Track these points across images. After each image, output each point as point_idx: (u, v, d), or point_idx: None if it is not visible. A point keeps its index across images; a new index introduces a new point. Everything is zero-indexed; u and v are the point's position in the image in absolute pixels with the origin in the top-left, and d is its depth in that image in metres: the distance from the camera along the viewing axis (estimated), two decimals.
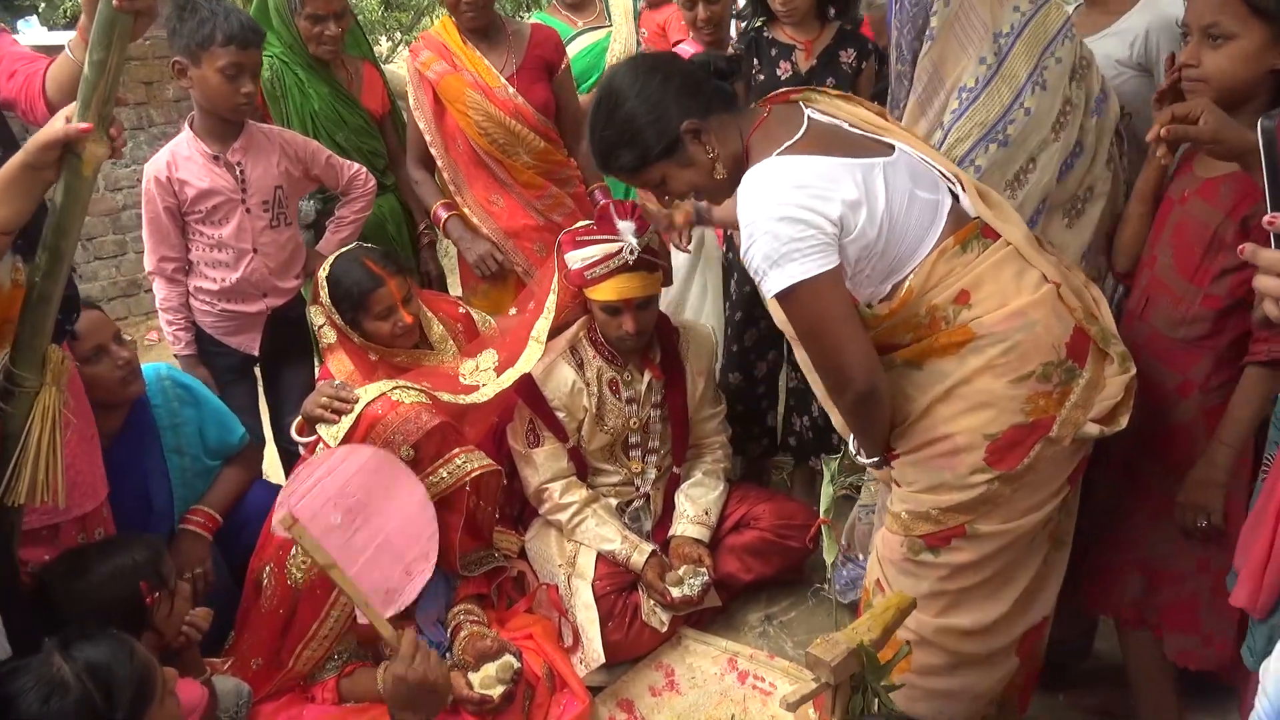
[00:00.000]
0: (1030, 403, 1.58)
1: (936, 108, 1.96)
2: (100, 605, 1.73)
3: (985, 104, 1.90)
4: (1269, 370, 1.69)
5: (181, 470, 2.25)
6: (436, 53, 2.73)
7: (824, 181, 1.52)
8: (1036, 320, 1.58)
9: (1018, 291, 1.60)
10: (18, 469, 1.56)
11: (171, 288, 2.54)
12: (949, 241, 1.61)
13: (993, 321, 1.58)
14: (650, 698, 2.27)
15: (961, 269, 1.60)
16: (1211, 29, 1.64)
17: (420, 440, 2.07)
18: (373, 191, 2.72)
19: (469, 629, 2.19)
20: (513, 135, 2.70)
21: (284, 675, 2.10)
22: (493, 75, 2.70)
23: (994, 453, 1.58)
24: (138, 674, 1.40)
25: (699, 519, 2.49)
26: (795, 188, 1.51)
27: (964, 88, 1.92)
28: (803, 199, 1.49)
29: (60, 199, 1.50)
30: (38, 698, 1.31)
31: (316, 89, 2.79)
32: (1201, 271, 1.74)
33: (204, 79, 2.33)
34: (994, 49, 1.88)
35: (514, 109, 2.69)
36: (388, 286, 2.29)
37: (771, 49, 2.59)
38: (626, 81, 1.63)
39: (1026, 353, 1.57)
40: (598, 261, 2.30)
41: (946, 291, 1.59)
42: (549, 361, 2.41)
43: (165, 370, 2.31)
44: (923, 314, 1.60)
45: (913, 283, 1.59)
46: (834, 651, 1.36)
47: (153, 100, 5.43)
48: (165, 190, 2.43)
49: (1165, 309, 1.79)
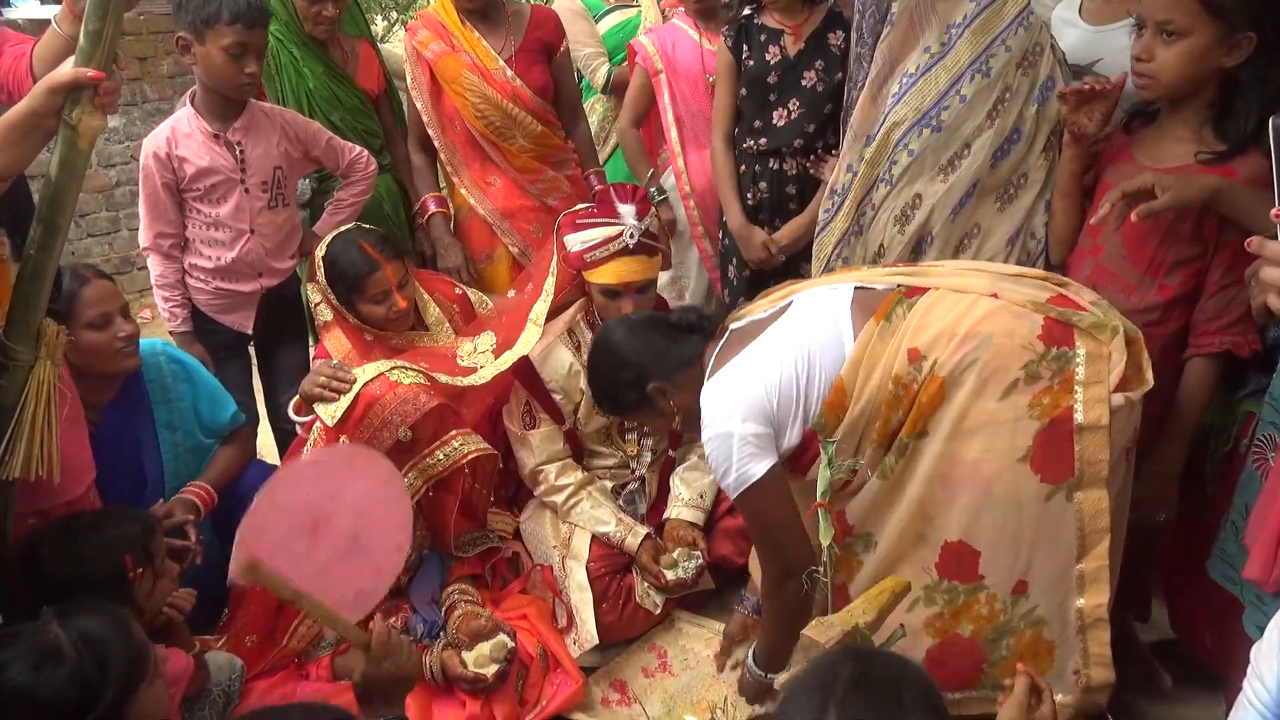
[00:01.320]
0: (1034, 407, 1.58)
1: (884, 94, 2.03)
2: (85, 575, 1.72)
3: (921, 89, 1.97)
4: (1213, 362, 1.72)
5: (174, 445, 2.24)
6: (434, 32, 2.70)
7: (745, 388, 1.73)
8: (991, 333, 1.60)
9: (959, 319, 1.63)
10: (12, 443, 1.55)
11: (167, 264, 2.51)
12: (870, 324, 1.69)
13: (950, 356, 1.61)
14: (643, 679, 2.28)
15: (898, 335, 1.66)
16: (1166, 25, 1.66)
17: (418, 421, 2.07)
18: (373, 175, 2.70)
19: (463, 608, 2.19)
20: (509, 118, 2.68)
21: (278, 652, 2.11)
22: (490, 57, 2.67)
23: (1041, 468, 1.58)
24: (133, 651, 1.39)
25: (694, 502, 2.49)
26: (727, 405, 1.72)
27: (906, 73, 1.99)
28: (732, 413, 1.71)
29: (55, 172, 1.49)
30: (29, 665, 1.30)
31: (312, 68, 2.76)
32: (1156, 263, 1.76)
33: (208, 56, 2.30)
34: (941, 39, 1.95)
35: (511, 91, 2.67)
36: (383, 271, 2.28)
37: (760, 34, 2.58)
38: (613, 343, 1.96)
39: (998, 365, 1.59)
40: (598, 245, 2.29)
41: (898, 359, 1.64)
42: (547, 344, 2.41)
43: (160, 346, 2.29)
44: (893, 388, 1.65)
45: (844, 375, 1.69)
46: (829, 634, 1.37)
47: (147, 76, 5.38)
48: (164, 166, 2.41)
49: (1114, 298, 1.79)
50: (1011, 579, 1.65)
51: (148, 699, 1.42)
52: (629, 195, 2.32)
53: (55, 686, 1.30)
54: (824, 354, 1.72)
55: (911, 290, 1.72)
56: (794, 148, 2.58)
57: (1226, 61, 1.66)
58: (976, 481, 1.62)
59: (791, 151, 2.59)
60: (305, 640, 2.12)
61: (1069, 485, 1.59)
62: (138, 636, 1.42)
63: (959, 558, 1.67)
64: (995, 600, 1.67)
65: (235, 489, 2.32)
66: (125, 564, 1.77)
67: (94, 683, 1.33)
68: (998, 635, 1.69)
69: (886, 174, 2.08)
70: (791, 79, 2.54)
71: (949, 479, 1.64)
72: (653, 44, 2.95)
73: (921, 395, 1.63)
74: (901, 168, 2.05)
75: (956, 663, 1.72)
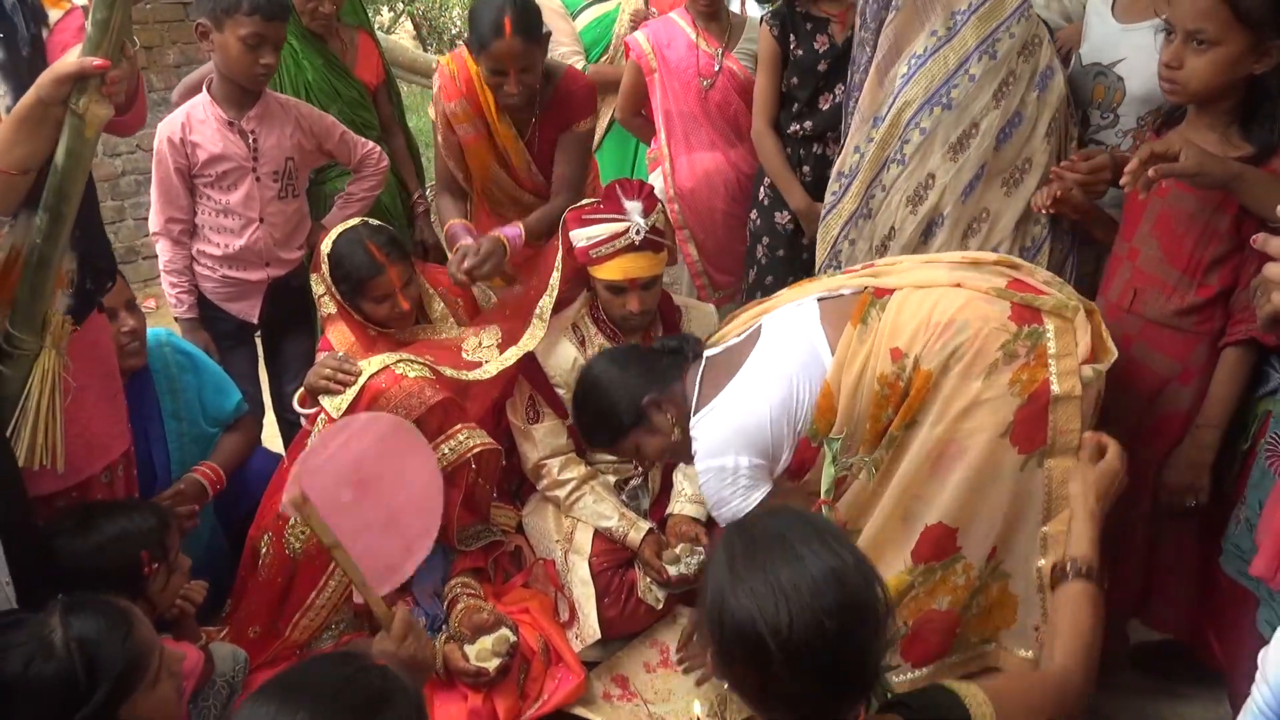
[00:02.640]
0: (1014, 384, 1.64)
1: (891, 76, 2.06)
2: (100, 567, 1.73)
3: (931, 68, 2.02)
4: (1245, 350, 1.74)
5: (179, 435, 2.25)
6: (473, 110, 2.49)
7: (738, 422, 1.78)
8: (966, 320, 1.66)
9: (931, 310, 1.69)
10: (17, 431, 1.56)
11: (176, 250, 2.52)
12: (848, 328, 1.74)
13: (931, 347, 1.66)
14: (645, 674, 2.28)
15: (876, 337, 1.71)
16: (1197, 34, 1.67)
17: (423, 415, 2.06)
18: (384, 170, 2.69)
19: (465, 602, 2.19)
20: (512, 199, 2.66)
21: (281, 644, 2.11)
22: (520, 154, 2.54)
23: (1019, 440, 1.64)
24: (129, 655, 1.38)
25: (697, 497, 2.48)
26: (721, 441, 1.78)
27: (914, 55, 2.03)
28: (728, 447, 1.77)
29: (62, 161, 1.49)
30: (21, 659, 1.30)
31: (310, 60, 2.76)
32: (1195, 262, 1.77)
33: (225, 45, 2.32)
34: (947, 24, 2.00)
35: (532, 187, 2.64)
36: (388, 274, 2.27)
37: (806, 24, 2.60)
38: (599, 372, 1.99)
39: (979, 348, 1.65)
40: (603, 241, 2.28)
41: (881, 359, 1.70)
42: (551, 339, 2.40)
43: (165, 336, 2.30)
44: (879, 388, 1.70)
45: (829, 380, 1.75)
46: None
47: (153, 65, 5.37)
48: (177, 151, 2.42)
49: (1157, 300, 1.82)
50: (987, 547, 1.71)
51: (149, 702, 1.40)
52: (635, 191, 2.31)
53: (41, 683, 1.29)
54: (805, 373, 1.78)
55: (880, 291, 1.78)
56: (839, 132, 2.58)
57: (1256, 69, 1.67)
58: (962, 461, 1.66)
59: (835, 137, 2.60)
60: (308, 632, 2.12)
61: (1040, 453, 1.66)
62: (140, 638, 1.41)
63: (937, 540, 1.71)
64: (972, 569, 1.72)
65: (238, 477, 2.33)
66: (141, 559, 1.78)
67: (82, 684, 1.32)
68: (970, 598, 1.74)
69: (898, 154, 2.09)
70: (842, 65, 2.54)
71: (936, 463, 1.69)
72: (647, 41, 2.93)
73: (911, 390, 1.69)
74: (914, 147, 2.07)
75: (930, 638, 1.76)
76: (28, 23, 1.58)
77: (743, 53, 2.92)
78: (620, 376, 1.97)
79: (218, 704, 1.84)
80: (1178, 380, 1.83)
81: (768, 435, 1.77)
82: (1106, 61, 2.09)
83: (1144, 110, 2.06)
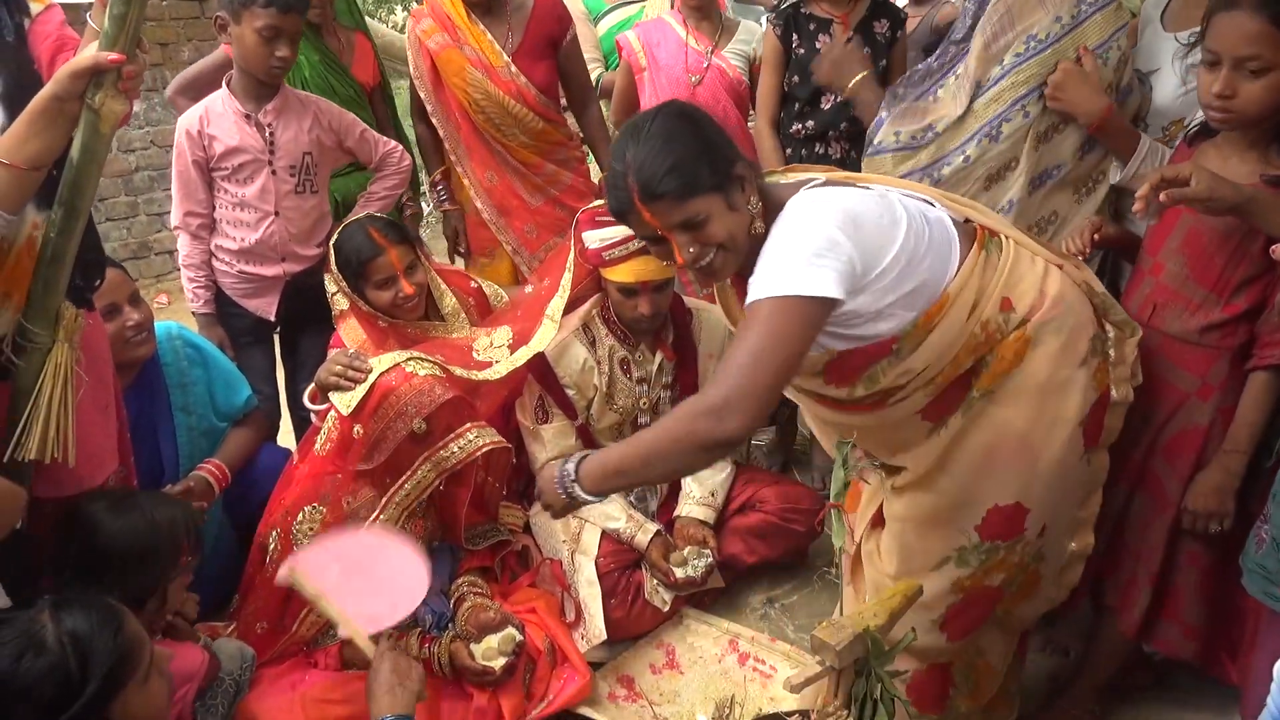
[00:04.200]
0: (1094, 379, 1.65)
1: (1001, 45, 2.00)
2: (145, 547, 1.73)
3: (1050, 57, 1.97)
4: (1275, 374, 1.71)
5: (188, 429, 2.26)
6: (439, 23, 2.68)
7: (870, 211, 1.49)
8: (1072, 300, 1.64)
9: (1043, 280, 1.63)
10: (29, 425, 1.56)
11: (195, 244, 2.54)
12: (974, 251, 1.60)
13: (1042, 317, 1.61)
14: (650, 675, 2.28)
15: (994, 275, 1.59)
16: (1249, 61, 1.62)
17: (433, 413, 2.07)
18: (408, 169, 2.70)
19: (472, 600, 2.19)
20: (509, 115, 2.68)
21: (287, 640, 2.11)
22: (496, 54, 2.65)
23: (1088, 435, 1.67)
24: (120, 648, 1.37)
25: (704, 500, 2.48)
26: (841, 210, 1.47)
27: (1033, 36, 1.98)
28: (831, 217, 1.45)
29: (77, 156, 1.49)
30: (12, 654, 1.29)
31: (308, 56, 2.76)
32: (1224, 282, 1.74)
33: (241, 37, 2.33)
34: (1073, 12, 1.96)
35: (516, 90, 2.66)
36: (388, 255, 2.28)
37: (810, 24, 2.61)
38: (679, 116, 1.55)
39: (1076, 334, 1.63)
40: (617, 243, 2.28)
41: (990, 302, 1.59)
42: (561, 339, 2.40)
43: (176, 329, 2.31)
44: (978, 331, 1.58)
45: (950, 289, 1.55)
46: (839, 635, 1.36)
47: (168, 62, 5.40)
48: (195, 144, 2.44)
49: (1178, 316, 1.79)
50: (1040, 526, 1.71)
51: (139, 699, 1.40)
52: None
53: (33, 679, 1.29)
54: (934, 249, 1.55)
55: (991, 230, 1.67)
56: (840, 131, 2.61)
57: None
58: (1048, 446, 1.64)
59: (837, 136, 2.62)
60: (314, 628, 2.13)
61: (1092, 450, 1.70)
62: (130, 634, 1.40)
63: (1009, 519, 1.67)
64: (1029, 550, 1.71)
65: (247, 472, 2.34)
66: (181, 548, 1.79)
67: (74, 679, 1.31)
68: (1017, 575, 1.75)
69: (994, 129, 2.03)
70: None
71: (1023, 443, 1.63)
72: (638, 40, 2.95)
73: (1003, 349, 1.59)
74: (1014, 127, 2.01)
75: (972, 613, 1.74)
76: (11, 12, 1.59)
77: (733, 53, 2.93)
78: (709, 132, 1.54)
79: (225, 701, 1.84)
80: (1196, 395, 1.80)
81: (875, 237, 1.46)
82: (1145, 70, 2.07)
83: (1166, 121, 2.04)
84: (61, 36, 1.79)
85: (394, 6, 10.12)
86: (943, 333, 1.55)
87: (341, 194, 2.81)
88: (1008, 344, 1.60)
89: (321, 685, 2.03)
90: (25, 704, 1.29)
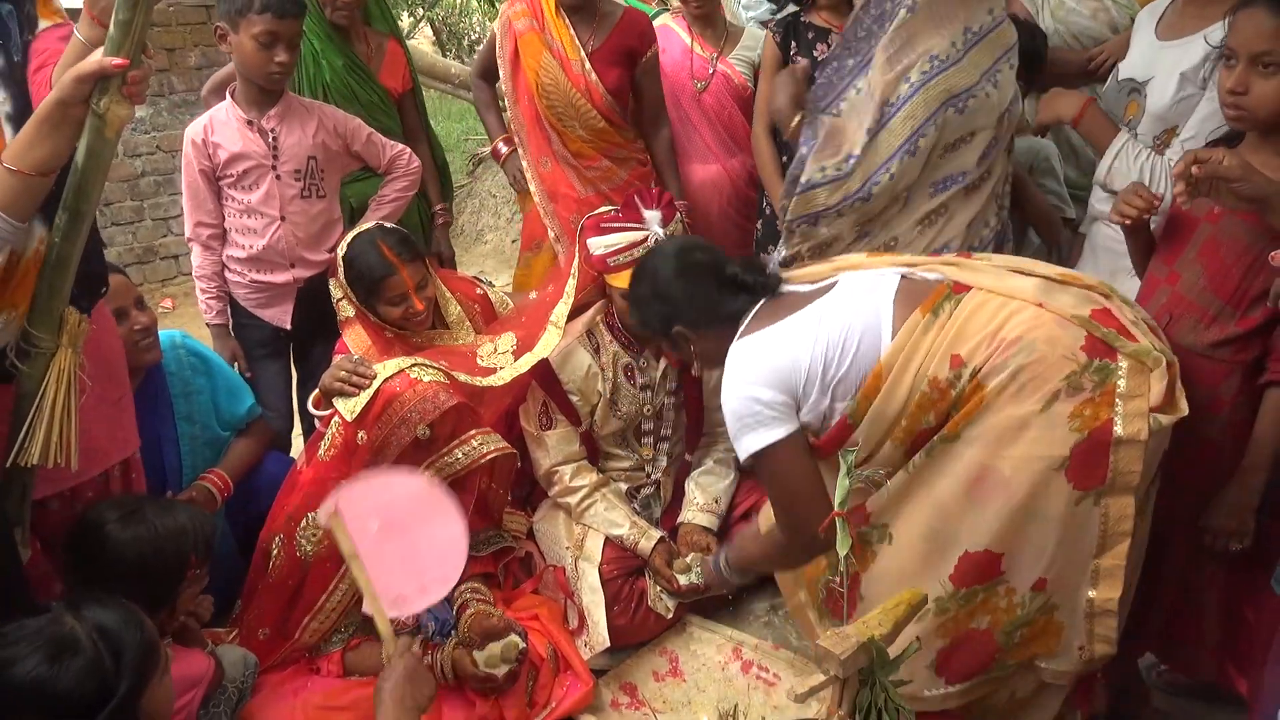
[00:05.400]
0: (1075, 418, 1.56)
1: (904, 66, 2.11)
2: (151, 558, 1.73)
3: (956, 75, 2.08)
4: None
5: (191, 438, 2.25)
6: (529, 8, 2.74)
7: (775, 357, 1.72)
8: (1034, 340, 1.59)
9: (1003, 326, 1.62)
10: (32, 429, 1.56)
11: (207, 255, 2.55)
12: (916, 314, 1.66)
13: (992, 363, 1.60)
14: (654, 683, 2.27)
15: (939, 335, 1.64)
16: (1264, 57, 1.62)
17: (437, 420, 2.07)
18: (417, 171, 2.70)
19: (475, 607, 2.19)
20: (572, 106, 2.71)
21: (290, 646, 2.11)
22: (574, 47, 2.70)
23: (1075, 477, 1.57)
24: (146, 643, 1.39)
25: (708, 507, 2.48)
26: (753, 369, 1.72)
27: (935, 56, 2.09)
28: (757, 378, 1.71)
29: (82, 161, 1.50)
30: (46, 657, 1.30)
31: (330, 60, 2.77)
32: (1241, 293, 1.72)
33: (240, 45, 2.35)
34: (964, 38, 2.08)
35: (585, 85, 2.69)
36: (400, 275, 2.27)
37: (808, 33, 2.63)
38: (665, 269, 1.93)
39: (1038, 373, 1.57)
40: (622, 250, 2.28)
41: (936, 360, 1.63)
42: (565, 345, 2.40)
43: (180, 338, 2.31)
44: (928, 389, 1.63)
45: (884, 361, 1.67)
46: (844, 645, 1.35)
47: (174, 68, 5.42)
48: (200, 153, 2.45)
49: (1193, 327, 1.77)
50: (1033, 577, 1.65)
51: (158, 693, 1.41)
52: (654, 201, 2.31)
53: (73, 678, 1.29)
54: (862, 340, 1.69)
55: (959, 286, 1.70)
56: None
57: None
58: (1009, 489, 1.60)
59: None
60: (317, 635, 2.12)
61: (1098, 492, 1.58)
62: (149, 629, 1.42)
63: (978, 565, 1.65)
64: (1014, 594, 1.66)
65: (249, 481, 2.33)
66: (189, 559, 1.79)
67: (110, 675, 1.32)
68: (1013, 628, 1.69)
69: (912, 146, 2.11)
70: None
71: (980, 487, 1.62)
72: None
73: (961, 403, 1.62)
74: (929, 141, 2.10)
75: (968, 655, 1.72)
76: (21, 29, 1.59)
77: (738, 59, 2.94)
78: (675, 291, 1.89)
79: (227, 708, 1.84)
80: (1209, 409, 1.78)
81: (799, 379, 1.70)
82: (1140, 78, 2.07)
83: (1160, 128, 2.05)
84: (52, 51, 1.80)
85: (400, 12, 10.15)
86: (885, 400, 1.67)
87: (357, 199, 2.81)
88: (964, 398, 1.62)
89: (324, 692, 2.02)
90: (67, 705, 1.29)
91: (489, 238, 6.45)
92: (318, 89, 2.77)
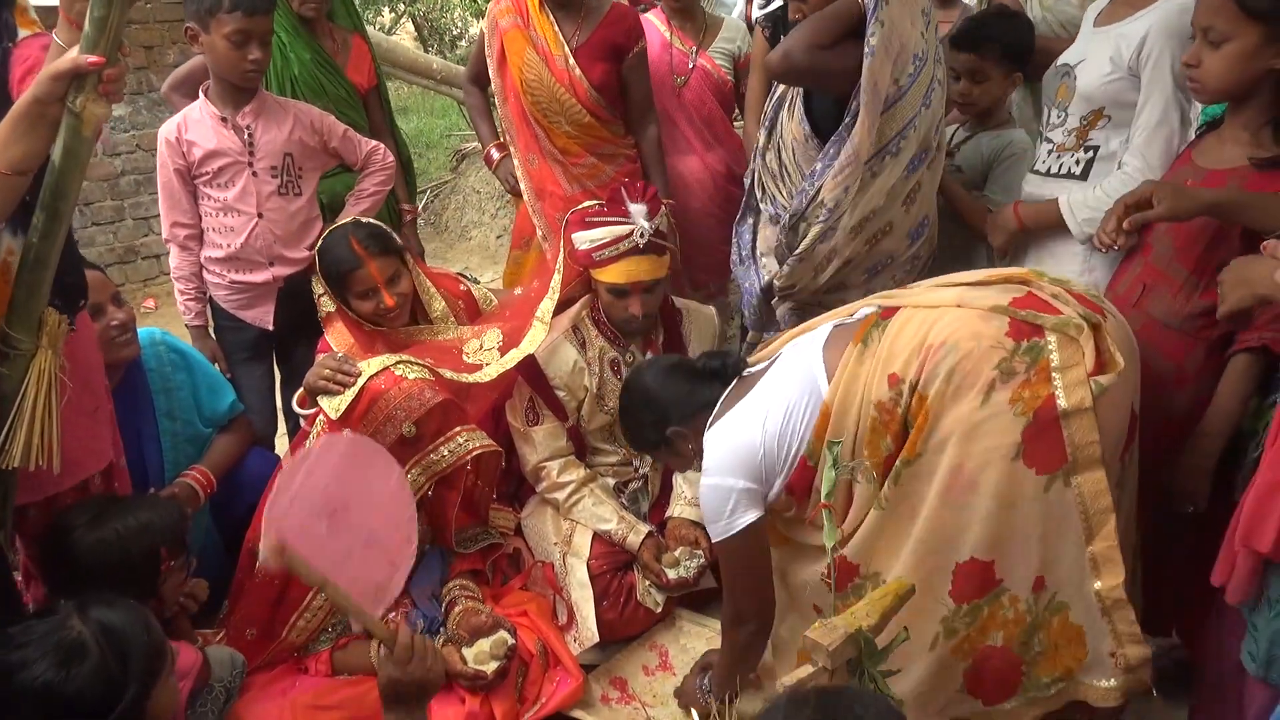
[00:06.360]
0: (1016, 402, 1.57)
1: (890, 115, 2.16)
2: (117, 561, 1.72)
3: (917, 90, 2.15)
4: (1254, 358, 1.72)
5: (172, 435, 2.24)
6: (514, 4, 2.73)
7: (734, 444, 1.80)
8: (957, 340, 1.62)
9: (927, 334, 1.65)
10: (12, 432, 1.54)
11: (184, 255, 2.53)
12: (849, 348, 1.72)
13: (925, 373, 1.63)
14: (643, 677, 2.27)
15: (872, 361, 1.70)
16: (1209, 32, 1.68)
17: (422, 417, 2.06)
18: (392, 166, 2.70)
19: (464, 604, 2.18)
20: (557, 102, 2.70)
21: (277, 646, 2.10)
22: (557, 43, 2.69)
23: (1035, 461, 1.58)
24: (152, 644, 1.38)
25: (696, 501, 2.48)
26: (718, 459, 1.81)
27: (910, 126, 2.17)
28: (726, 467, 1.79)
29: (59, 160, 1.48)
30: (55, 662, 1.29)
31: (299, 53, 2.75)
32: (1204, 264, 1.76)
33: (213, 45, 2.33)
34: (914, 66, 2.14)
35: (568, 81, 2.68)
36: (367, 268, 2.27)
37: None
38: (642, 385, 2.05)
39: (968, 369, 1.59)
40: (607, 244, 2.28)
41: (877, 384, 1.67)
42: (551, 340, 2.39)
43: (159, 335, 2.30)
44: (876, 414, 1.68)
45: (827, 400, 1.73)
46: (831, 636, 1.35)
47: (152, 65, 5.36)
48: (175, 151, 2.43)
49: (1164, 299, 1.81)
50: (1029, 577, 1.64)
51: (166, 693, 1.41)
52: (639, 194, 2.31)
53: (81, 682, 1.29)
54: (802, 402, 1.76)
55: (887, 311, 1.75)
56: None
57: (1276, 63, 1.66)
58: (976, 492, 1.60)
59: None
60: (304, 634, 2.11)
61: (1064, 471, 1.58)
62: (155, 629, 1.42)
63: (971, 576, 1.65)
64: (1019, 601, 1.66)
65: (234, 478, 2.32)
66: (159, 554, 1.77)
67: (118, 677, 1.32)
68: (1028, 636, 1.68)
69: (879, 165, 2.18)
70: None
71: (948, 497, 1.62)
72: None
73: (910, 419, 1.65)
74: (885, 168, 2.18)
75: (995, 675, 1.71)
76: (1, 37, 1.58)
77: (717, 52, 2.93)
78: (656, 397, 2.01)
79: (215, 709, 1.83)
80: (1172, 383, 1.82)
81: (759, 461, 1.78)
82: (1073, 62, 2.13)
83: (1087, 109, 2.09)
84: (35, 60, 1.78)
85: (381, 8, 10.09)
86: (836, 432, 1.72)
87: (329, 196, 2.79)
88: (914, 413, 1.65)
89: (312, 691, 2.02)
90: (76, 709, 1.29)
91: (473, 234, 6.42)
92: (285, 83, 2.74)
